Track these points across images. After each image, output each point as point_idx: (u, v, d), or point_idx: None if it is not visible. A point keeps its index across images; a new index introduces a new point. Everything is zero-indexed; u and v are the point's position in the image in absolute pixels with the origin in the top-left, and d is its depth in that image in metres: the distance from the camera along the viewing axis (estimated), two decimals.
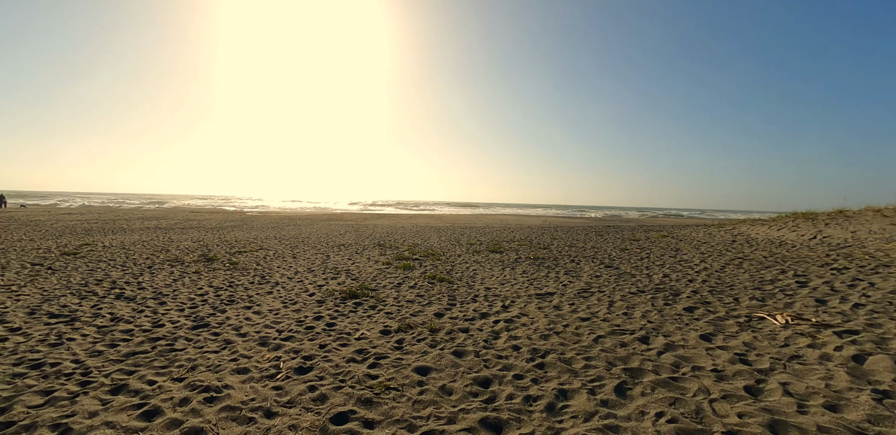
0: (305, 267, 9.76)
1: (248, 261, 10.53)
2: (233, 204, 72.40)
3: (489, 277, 8.53)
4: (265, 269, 9.46)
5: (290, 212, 45.55)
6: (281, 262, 10.51)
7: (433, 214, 47.66)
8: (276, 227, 22.41)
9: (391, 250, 12.91)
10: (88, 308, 5.98)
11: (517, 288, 7.49)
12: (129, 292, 7.01)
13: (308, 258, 11.17)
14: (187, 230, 19.19)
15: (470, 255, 12.02)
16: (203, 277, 8.45)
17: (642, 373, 3.78)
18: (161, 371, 3.78)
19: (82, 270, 9.00)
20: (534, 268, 9.72)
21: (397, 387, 3.43)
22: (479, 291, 7.27)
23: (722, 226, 21.14)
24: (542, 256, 11.72)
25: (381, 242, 15.48)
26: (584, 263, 10.53)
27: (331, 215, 38.57)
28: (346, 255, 11.92)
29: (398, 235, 18.68)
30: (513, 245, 14.52)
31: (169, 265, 9.73)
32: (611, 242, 15.96)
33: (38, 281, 7.85)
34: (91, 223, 22.27)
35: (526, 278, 8.41)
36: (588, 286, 7.60)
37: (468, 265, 10.10)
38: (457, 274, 8.92)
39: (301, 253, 12.16)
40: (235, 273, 8.87)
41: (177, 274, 8.70)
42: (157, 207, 49.04)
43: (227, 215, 33.80)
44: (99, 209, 40.71)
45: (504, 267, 9.84)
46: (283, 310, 5.98)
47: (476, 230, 22.24)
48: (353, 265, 10.03)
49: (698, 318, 5.52)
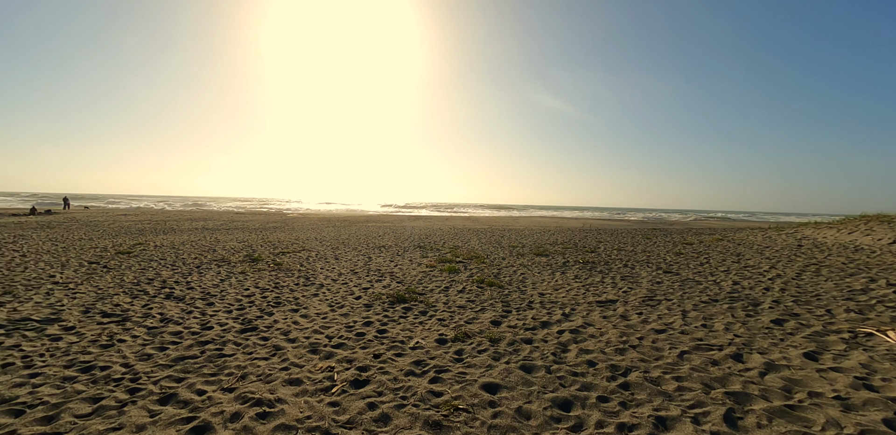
0: (349, 269, 9.55)
1: (291, 261, 10.44)
2: (271, 206, 74.57)
3: (540, 282, 8.01)
4: (309, 270, 9.30)
5: (327, 213, 46.29)
6: (324, 263, 10.36)
7: (469, 217, 47.16)
8: (316, 228, 22.60)
9: (433, 252, 12.57)
10: (139, 308, 5.92)
11: (573, 294, 6.94)
12: (179, 292, 6.95)
13: (350, 260, 10.99)
14: (232, 231, 19.59)
15: (514, 258, 11.51)
16: (249, 277, 8.36)
17: (749, 398, 3.20)
18: (210, 379, 3.53)
19: (135, 268, 9.13)
20: (586, 272, 9.11)
21: (467, 408, 3.01)
22: (533, 296, 6.78)
23: (781, 229, 19.64)
24: (591, 259, 11.06)
25: (420, 243, 15.19)
26: (639, 267, 9.81)
27: (367, 217, 38.85)
28: (388, 256, 11.66)
29: (437, 236, 18.37)
30: (557, 248, 13.88)
31: (216, 265, 9.75)
32: (661, 245, 15.03)
33: (94, 279, 7.97)
34: (144, 224, 23.19)
35: (580, 284, 7.84)
36: (652, 293, 6.95)
37: (515, 269, 9.60)
38: (505, 278, 8.44)
39: (343, 254, 12.01)
40: (280, 274, 8.75)
41: (224, 274, 8.66)
42: (202, 209, 51.01)
43: (269, 217, 34.60)
44: (150, 211, 42.70)
45: (553, 271, 9.28)
46: (330, 314, 5.70)
47: (515, 232, 21.64)
48: (396, 267, 9.73)
49: (792, 332, 4.83)
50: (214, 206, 62.56)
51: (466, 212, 68.34)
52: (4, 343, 4.38)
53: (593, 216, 59.67)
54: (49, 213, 31.82)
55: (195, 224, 23.85)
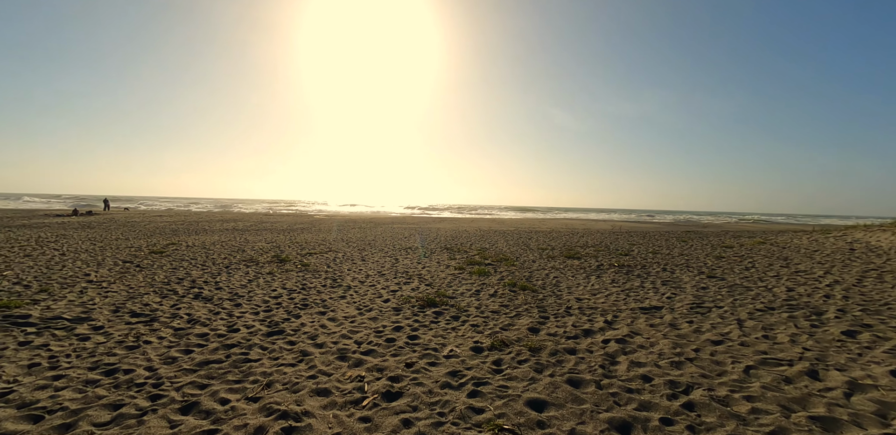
0: (376, 270, 9.34)
1: (318, 263, 10.32)
2: (297, 207, 75.74)
3: (576, 286, 7.58)
4: (336, 271, 9.14)
5: (352, 215, 46.64)
6: (350, 264, 10.19)
7: (494, 218, 46.65)
8: (342, 229, 22.64)
9: (460, 254, 12.26)
10: (168, 308, 5.83)
11: (613, 299, 6.50)
12: (207, 292, 6.87)
13: (377, 261, 10.79)
14: (261, 232, 19.79)
15: (545, 260, 11.07)
16: (276, 278, 8.25)
17: (840, 425, 2.75)
18: (235, 386, 3.31)
19: (166, 268, 9.17)
20: (622, 276, 8.61)
21: (513, 429, 2.68)
22: (570, 302, 6.37)
23: (827, 232, 18.44)
24: (626, 263, 10.51)
25: (447, 245, 14.91)
26: (679, 272, 9.23)
27: (393, 218, 38.89)
28: (415, 258, 11.42)
29: (463, 238, 18.05)
30: (589, 251, 13.34)
31: (244, 265, 9.71)
32: (699, 248, 14.27)
33: (127, 278, 8.01)
34: (177, 224, 23.75)
35: (619, 288, 7.37)
36: (699, 300, 6.44)
37: (547, 272, 9.18)
38: (538, 281, 8.05)
39: (369, 256, 11.84)
40: (307, 275, 8.61)
41: (252, 274, 8.58)
42: (232, 211, 52.24)
43: (297, 218, 35.05)
44: (183, 212, 43.94)
45: (588, 275, 8.82)
46: (358, 317, 5.45)
47: (542, 234, 21.10)
48: (423, 269, 9.47)
49: (870, 346, 4.29)
50: (243, 208, 64.03)
51: (490, 214, 67.62)
52: (34, 342, 4.31)
53: (620, 218, 58.04)
54: (90, 214, 33.09)
55: (226, 225, 24.27)
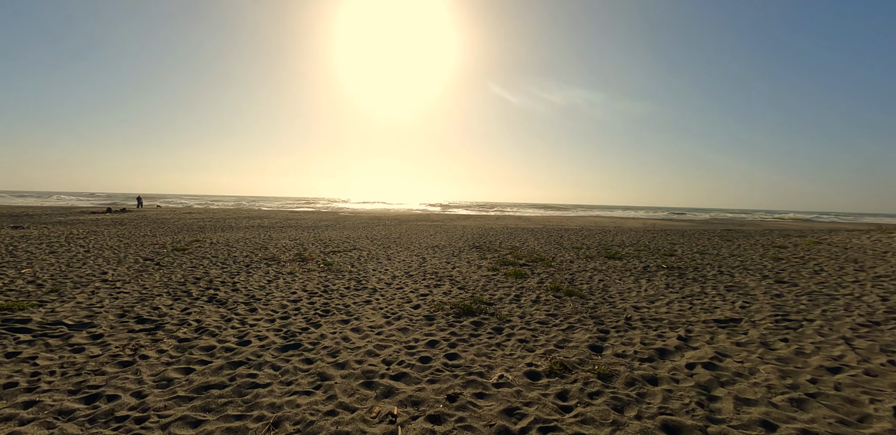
0: (402, 270, 8.63)
1: (342, 262, 9.69)
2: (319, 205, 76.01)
3: (627, 291, 6.67)
4: (360, 271, 8.47)
5: (376, 212, 46.27)
6: (375, 264, 9.52)
7: (520, 216, 45.46)
8: (367, 226, 22.12)
9: (491, 253, 11.44)
10: (178, 312, 5.24)
11: (678, 309, 5.56)
12: (223, 294, 6.28)
13: (403, 260, 10.09)
14: (286, 229, 19.44)
15: (584, 261, 10.14)
16: (297, 278, 7.64)
17: None
18: (234, 424, 2.61)
19: (186, 266, 8.70)
20: (677, 280, 7.63)
21: None
22: (627, 311, 5.47)
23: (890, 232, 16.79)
24: (674, 264, 9.48)
25: (476, 243, 14.10)
26: (739, 275, 8.16)
27: (417, 216, 38.30)
28: (443, 257, 10.66)
29: (491, 236, 17.21)
30: (628, 250, 12.30)
31: (265, 264, 9.16)
32: (749, 248, 13.01)
33: (143, 277, 7.54)
34: (205, 221, 23.73)
35: (678, 295, 6.41)
36: (780, 311, 5.44)
37: (590, 274, 8.26)
38: (582, 285, 7.17)
39: (395, 254, 11.16)
40: (330, 275, 7.97)
41: (272, 274, 8.00)
42: (258, 208, 52.71)
43: (322, 215, 34.86)
44: (211, 210, 44.48)
45: (637, 278, 7.87)
46: (385, 328, 4.72)
47: (573, 232, 20.03)
48: (454, 270, 8.69)
49: None
50: (268, 205, 64.65)
51: (513, 211, 66.10)
52: (22, 353, 3.75)
53: (648, 216, 55.83)
54: (124, 211, 33.74)
55: (252, 222, 24.12)
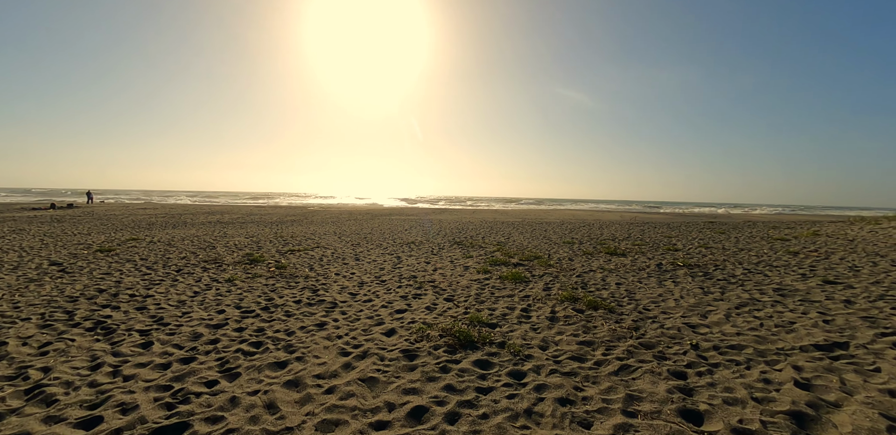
0: (373, 274, 6.91)
1: (299, 263, 7.88)
2: (283, 200, 72.49)
3: (660, 299, 5.17)
4: (320, 276, 6.70)
5: (348, 207, 43.82)
6: (340, 266, 7.75)
7: (497, 209, 44.12)
8: (336, 222, 20.14)
9: (476, 250, 9.83)
10: (30, 351, 3.40)
11: (747, 327, 4.06)
12: (119, 316, 4.43)
13: (374, 260, 8.36)
14: (246, 225, 17.29)
15: (584, 258, 8.67)
16: (236, 288, 5.81)
17: None
18: None
19: (97, 273, 6.72)
20: (708, 282, 6.22)
21: None
22: (684, 332, 3.93)
23: (873, 222, 16.19)
24: (688, 261, 8.12)
25: (456, 239, 12.46)
26: (774, 274, 6.82)
27: (390, 210, 36.30)
28: (422, 256, 8.98)
29: (471, 231, 15.62)
30: (626, 245, 10.96)
31: (202, 268, 7.27)
32: (750, 241, 11.90)
33: (31, 288, 5.61)
34: (158, 217, 21.17)
35: (728, 305, 4.94)
36: (878, 325, 4.05)
37: (601, 275, 6.77)
38: (600, 291, 5.64)
39: (365, 253, 9.40)
40: (280, 283, 6.18)
41: (204, 282, 6.15)
42: (226, 203, 49.27)
43: (289, 210, 32.41)
44: (173, 205, 41.09)
45: (659, 279, 6.42)
46: (342, 377, 3.00)
47: (556, 226, 18.71)
48: (436, 273, 7.03)
49: None
50: (236, 201, 60.85)
51: (483, 205, 64.42)
52: None
53: (622, 209, 55.57)
54: (71, 206, 30.40)
55: (211, 217, 21.72)
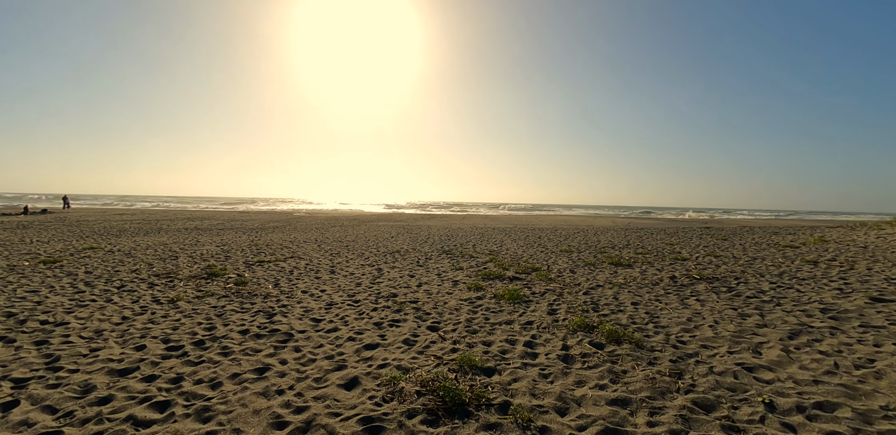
0: (347, 291, 5.90)
1: (265, 277, 6.84)
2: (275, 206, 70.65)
3: (693, 327, 4.21)
4: (283, 295, 5.66)
5: (336, 213, 42.52)
6: (311, 279, 6.72)
7: (486, 215, 43.18)
8: (321, 228, 19.03)
9: (466, 261, 8.86)
10: None
11: (821, 370, 3.13)
12: (3, 355, 3.38)
13: (352, 273, 7.34)
14: (223, 232, 16.13)
15: (586, 269, 7.74)
16: (176, 311, 4.77)
17: None
18: None
19: (22, 290, 5.64)
20: (737, 301, 5.31)
21: None
22: (741, 378, 2.97)
23: (876, 227, 15.58)
24: (703, 273, 7.25)
25: (445, 247, 11.49)
26: (808, 288, 5.94)
27: (378, 216, 35.18)
28: (406, 267, 7.99)
29: (461, 238, 14.66)
30: (629, 254, 10.07)
31: (149, 284, 6.19)
32: (758, 248, 11.11)
33: None
34: (133, 224, 19.86)
35: (779, 333, 3.99)
36: None
37: (611, 292, 5.81)
38: (616, 314, 4.69)
39: (343, 264, 8.37)
40: (232, 304, 5.14)
41: (142, 304, 5.08)
42: (210, 209, 47.66)
43: (274, 216, 31.14)
44: (152, 210, 39.44)
45: (680, 296, 5.50)
46: None
47: (549, 232, 17.84)
48: (421, 290, 6.03)
49: None
50: (227, 206, 59.06)
51: (472, 211, 62.95)
52: None
53: (613, 214, 55.02)
54: (44, 212, 28.79)
55: (189, 224, 20.47)
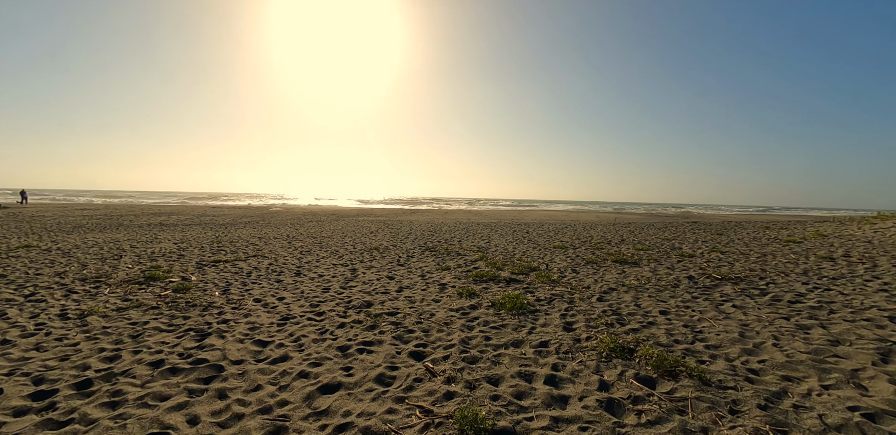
0: (310, 300, 4.80)
1: (215, 281, 5.68)
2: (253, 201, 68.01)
3: (755, 347, 3.28)
4: (229, 305, 4.53)
5: (314, 208, 40.85)
6: (271, 284, 5.59)
7: (469, 210, 42.22)
8: (295, 223, 17.73)
9: (453, 259, 7.84)
10: None
11: None
12: None
13: (321, 275, 6.23)
14: (189, 227, 14.70)
15: (590, 268, 6.81)
16: (78, 331, 3.60)
17: None
18: None
19: None
20: (776, 304, 4.46)
21: None
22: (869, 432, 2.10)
23: (868, 222, 15.24)
24: (721, 272, 6.42)
25: (429, 243, 10.45)
26: (852, 291, 5.15)
27: (358, 211, 33.80)
28: (385, 267, 6.93)
29: (444, 233, 13.64)
30: (629, 250, 9.22)
31: (66, 292, 4.98)
32: (759, 244, 10.44)
33: None
34: (93, 219, 18.12)
35: (865, 354, 3.10)
36: None
37: (630, 298, 4.85)
38: (647, 329, 3.73)
39: (312, 264, 7.25)
40: (160, 319, 3.99)
41: (42, 319, 3.90)
42: (183, 204, 45.26)
43: (248, 211, 29.47)
44: (117, 205, 37.02)
45: (714, 303, 4.59)
46: None
47: (536, 227, 16.99)
48: (401, 297, 4.98)
49: None
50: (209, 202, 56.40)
51: (454, 206, 61.32)
52: None
53: (594, 209, 54.82)
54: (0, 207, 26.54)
55: (154, 219, 18.84)
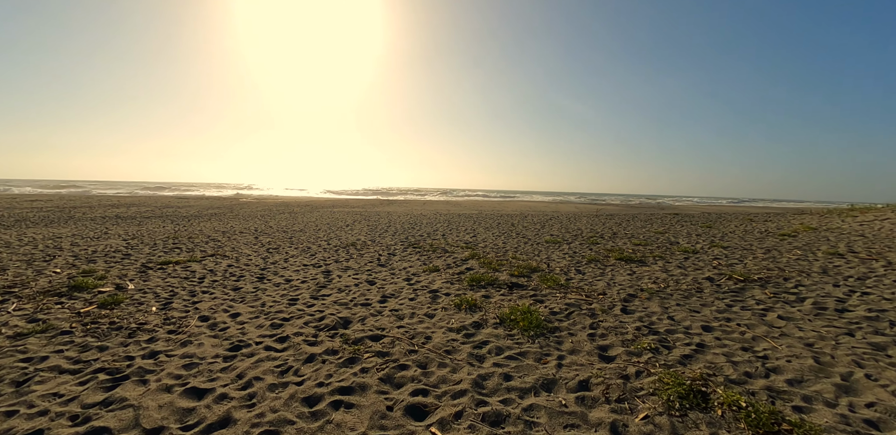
0: (271, 316, 3.88)
1: (158, 289, 4.67)
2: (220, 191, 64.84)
3: (840, 380, 2.63)
4: (166, 326, 3.58)
5: (287, 198, 39.05)
6: (226, 293, 4.63)
7: (448, 201, 41.34)
8: (266, 215, 16.47)
9: (440, 257, 7.02)
10: None
11: None
12: None
13: (288, 280, 5.29)
14: (149, 220, 13.30)
15: (594, 268, 6.11)
16: None
17: None
18: None
19: None
20: (823, 313, 3.86)
21: None
22: None
23: (847, 214, 15.30)
24: (737, 270, 5.85)
25: (411, 238, 9.59)
26: (884, 293, 4.66)
27: (333, 201, 32.38)
28: (364, 268, 6.03)
29: (426, 226, 12.78)
30: (626, 245, 8.62)
31: None
32: (757, 237, 10.08)
33: None
34: (41, 212, 16.31)
35: None
36: None
37: (659, 308, 4.16)
38: (701, 354, 3.03)
39: (279, 264, 6.28)
40: (65, 352, 3.00)
41: None
42: (146, 195, 42.51)
43: (216, 202, 27.67)
44: (76, 196, 34.33)
45: (756, 313, 3.93)
46: None
47: (521, 219, 16.35)
48: (386, 311, 4.10)
49: None
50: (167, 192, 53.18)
51: (432, 197, 60.12)
52: None
53: (574, 200, 54.95)
54: None
55: (110, 211, 17.19)
